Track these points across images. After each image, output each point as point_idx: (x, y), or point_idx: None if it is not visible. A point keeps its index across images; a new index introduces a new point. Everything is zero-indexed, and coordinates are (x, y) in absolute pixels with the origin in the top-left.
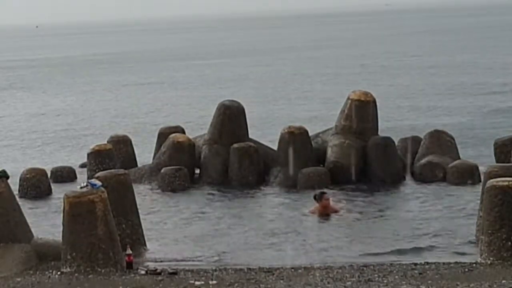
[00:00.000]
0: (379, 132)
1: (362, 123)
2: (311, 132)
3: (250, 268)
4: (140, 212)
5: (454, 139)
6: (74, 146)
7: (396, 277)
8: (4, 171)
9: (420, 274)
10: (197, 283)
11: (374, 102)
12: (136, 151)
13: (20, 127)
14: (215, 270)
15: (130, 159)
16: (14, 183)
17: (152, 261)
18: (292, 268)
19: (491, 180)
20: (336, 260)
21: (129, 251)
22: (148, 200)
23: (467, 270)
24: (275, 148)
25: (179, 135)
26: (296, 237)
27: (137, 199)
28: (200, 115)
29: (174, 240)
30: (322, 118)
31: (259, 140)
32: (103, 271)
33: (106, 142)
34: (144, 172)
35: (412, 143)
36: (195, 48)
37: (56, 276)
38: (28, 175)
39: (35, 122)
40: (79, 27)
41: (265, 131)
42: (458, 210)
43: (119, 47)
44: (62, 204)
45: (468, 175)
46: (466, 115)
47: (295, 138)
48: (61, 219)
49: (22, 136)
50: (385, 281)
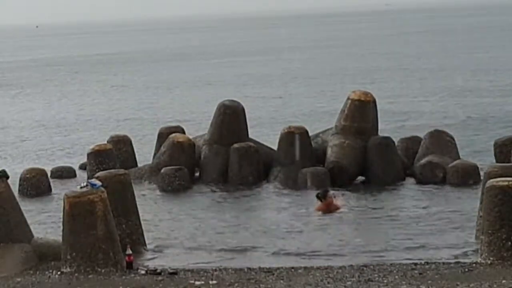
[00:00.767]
0: (379, 132)
1: (362, 123)
2: (311, 132)
3: (250, 268)
4: (140, 212)
5: (454, 139)
6: (74, 146)
7: (396, 277)
8: (4, 171)
9: (420, 274)
10: (197, 283)
11: (374, 102)
12: (136, 151)
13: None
14: (215, 270)
15: (130, 159)
16: (14, 183)
17: (152, 261)
18: (292, 268)
19: (491, 180)
20: (336, 260)
21: (129, 251)
22: (148, 200)
23: (467, 270)
24: (275, 148)
25: (179, 135)
26: (296, 237)
27: (137, 199)
28: (200, 115)
29: (174, 240)
30: (322, 118)
31: (259, 140)
32: (103, 271)
33: (106, 142)
34: (144, 172)
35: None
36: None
37: (56, 276)
38: (28, 175)
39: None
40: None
41: (265, 131)
42: (458, 210)
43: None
44: (62, 204)
45: (468, 175)
46: (466, 115)
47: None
48: (61, 219)
49: (22, 136)
50: (385, 281)
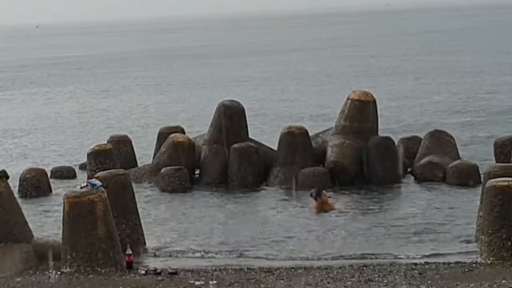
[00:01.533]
0: (379, 132)
1: (362, 123)
2: (311, 132)
3: (250, 268)
4: (140, 212)
5: (454, 139)
6: (74, 146)
7: (396, 277)
8: (4, 171)
9: (420, 274)
10: (197, 283)
11: (374, 102)
12: (136, 151)
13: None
14: (215, 270)
15: (130, 159)
16: (14, 183)
17: (152, 261)
18: (292, 268)
19: (491, 180)
20: (336, 260)
21: (129, 251)
22: (148, 200)
23: (467, 270)
24: (275, 148)
25: (179, 135)
26: (296, 237)
27: (137, 199)
28: (200, 115)
29: (174, 240)
30: (322, 118)
31: (259, 140)
32: (103, 271)
33: (106, 142)
34: (144, 172)
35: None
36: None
37: (56, 276)
38: (28, 175)
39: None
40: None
41: (265, 131)
42: (458, 210)
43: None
44: (62, 204)
45: (468, 175)
46: (466, 115)
47: (295, 138)
48: (61, 219)
49: (22, 136)
50: (385, 281)
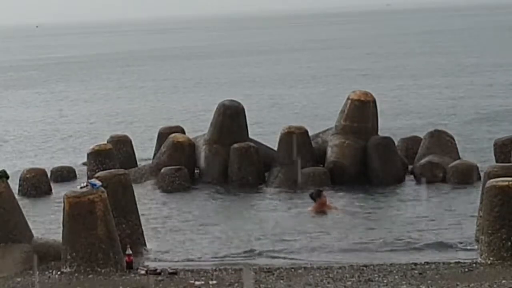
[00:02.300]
0: (379, 132)
1: (362, 123)
2: (311, 132)
3: (250, 268)
4: (140, 212)
5: (454, 139)
6: (74, 146)
7: (396, 277)
8: (4, 171)
9: (420, 274)
10: (197, 283)
11: (374, 102)
12: (136, 151)
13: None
14: (215, 270)
15: (130, 159)
16: (14, 183)
17: (152, 261)
18: (292, 268)
19: (491, 180)
20: (336, 260)
21: (129, 251)
22: (148, 200)
23: (467, 270)
24: (275, 148)
25: (179, 135)
26: (296, 237)
27: (137, 199)
28: (200, 115)
29: (174, 240)
30: (322, 118)
31: (259, 140)
32: (103, 271)
33: (106, 142)
34: (144, 172)
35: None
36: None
37: (56, 276)
38: (28, 175)
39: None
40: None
41: (265, 131)
42: (458, 210)
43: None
44: (62, 204)
45: (468, 175)
46: (466, 115)
47: (295, 138)
48: (61, 219)
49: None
50: (385, 281)
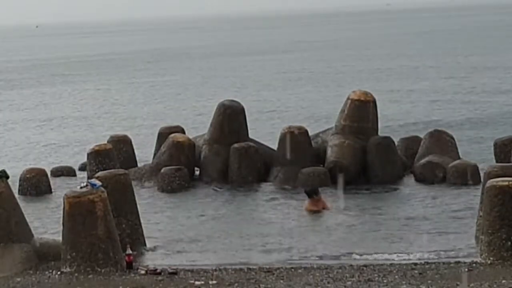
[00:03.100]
0: (379, 132)
1: (362, 123)
2: (311, 132)
3: (250, 268)
4: (140, 212)
5: (454, 139)
6: (74, 146)
7: (396, 277)
8: (4, 171)
9: (420, 274)
10: (197, 283)
11: (374, 102)
12: (136, 151)
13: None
14: (215, 270)
15: (130, 159)
16: (14, 183)
17: (152, 261)
18: (292, 268)
19: (491, 180)
20: (336, 260)
21: (129, 251)
22: (148, 200)
23: (467, 270)
24: (275, 148)
25: (179, 135)
26: (296, 237)
27: (137, 199)
28: (200, 115)
29: (174, 240)
30: (322, 118)
31: (259, 140)
32: (103, 271)
33: (106, 142)
34: (144, 172)
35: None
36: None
37: (56, 276)
38: (28, 175)
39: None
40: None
41: (265, 131)
42: (458, 210)
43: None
44: (62, 204)
45: (468, 175)
46: (466, 115)
47: (295, 138)
48: (61, 219)
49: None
50: (385, 281)
